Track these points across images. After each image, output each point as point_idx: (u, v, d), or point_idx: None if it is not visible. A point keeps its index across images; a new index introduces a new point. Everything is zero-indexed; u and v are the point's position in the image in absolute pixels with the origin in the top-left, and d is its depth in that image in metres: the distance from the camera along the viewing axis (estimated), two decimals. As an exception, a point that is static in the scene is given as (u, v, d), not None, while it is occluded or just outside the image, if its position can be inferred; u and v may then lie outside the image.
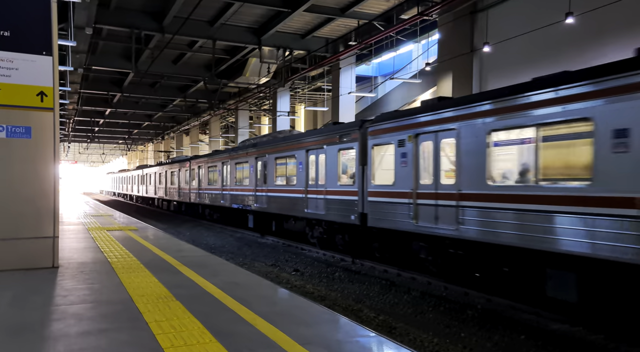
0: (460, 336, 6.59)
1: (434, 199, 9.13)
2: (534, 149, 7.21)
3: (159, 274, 5.72)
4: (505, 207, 7.58)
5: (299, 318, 3.98)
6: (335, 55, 20.43)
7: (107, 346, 3.29)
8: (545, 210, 6.92)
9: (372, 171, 11.09)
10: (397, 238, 10.56)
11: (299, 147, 14.39)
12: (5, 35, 5.76)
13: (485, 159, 7.99)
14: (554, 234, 6.80)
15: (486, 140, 7.96)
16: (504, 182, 7.86)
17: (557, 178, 6.96)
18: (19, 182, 5.91)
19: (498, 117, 7.74)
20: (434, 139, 9.20)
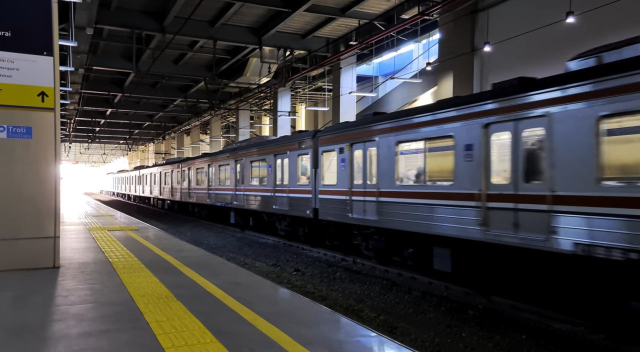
0: (461, 336, 6.59)
1: (363, 196, 11.25)
2: (423, 158, 9.46)
3: (160, 275, 5.72)
4: (407, 202, 9.78)
5: (300, 318, 3.98)
6: (335, 55, 20.42)
7: (108, 346, 3.29)
8: (430, 203, 9.17)
9: (322, 173, 13.21)
10: (340, 228, 12.78)
11: (269, 152, 16.53)
12: (6, 35, 5.76)
13: (394, 164, 10.17)
14: (436, 221, 8.98)
15: (395, 150, 10.17)
16: (406, 183, 9.97)
17: (436, 179, 9.15)
18: (20, 183, 5.92)
19: (402, 132, 9.95)
20: (363, 148, 11.34)
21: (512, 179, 7.55)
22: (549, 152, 6.91)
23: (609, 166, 6.19)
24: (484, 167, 8.02)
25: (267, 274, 10.70)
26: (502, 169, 7.77)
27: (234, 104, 31.14)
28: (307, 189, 13.84)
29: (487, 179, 7.99)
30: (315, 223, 13.90)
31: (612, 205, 6.10)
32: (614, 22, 11.78)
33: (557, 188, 6.80)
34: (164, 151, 54.19)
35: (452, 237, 8.58)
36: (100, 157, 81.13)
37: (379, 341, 3.55)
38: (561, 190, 6.73)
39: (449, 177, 8.80)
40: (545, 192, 6.96)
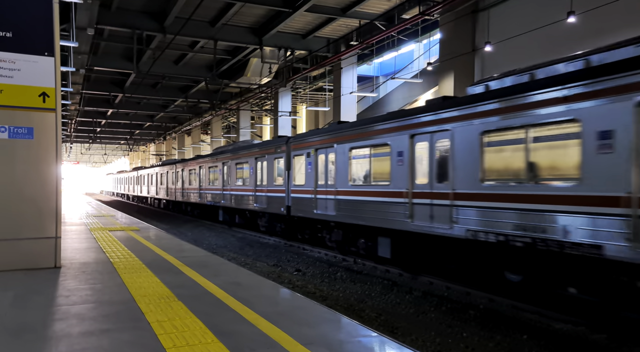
0: (462, 336, 6.59)
1: (325, 194, 12.92)
2: (369, 162, 11.14)
3: (161, 275, 5.73)
4: (357, 199, 11.41)
5: (300, 318, 3.99)
6: (336, 55, 20.43)
7: (109, 346, 3.30)
8: (374, 200, 10.81)
9: (293, 175, 14.83)
10: (308, 223, 14.45)
11: (251, 155, 18.23)
12: (8, 36, 5.77)
13: (348, 167, 11.82)
14: (378, 215, 10.61)
15: (349, 155, 11.75)
16: (357, 183, 11.55)
17: (378, 180, 10.74)
18: (22, 183, 5.93)
19: (354, 140, 11.63)
20: (325, 153, 12.98)
21: (429, 180, 9.29)
22: (452, 159, 8.66)
23: (488, 170, 7.97)
24: (410, 170, 9.76)
25: (268, 274, 10.70)
26: (423, 171, 9.48)
27: (234, 104, 31.15)
28: (281, 188, 15.58)
29: (412, 180, 9.74)
30: (289, 219, 15.67)
31: (490, 200, 7.89)
32: (615, 21, 11.77)
33: (456, 187, 8.55)
34: (165, 151, 54.25)
35: (390, 228, 10.31)
36: (101, 157, 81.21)
37: (380, 341, 3.55)
38: (459, 188, 8.50)
39: (386, 178, 10.49)
40: (449, 190, 8.71)
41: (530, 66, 7.89)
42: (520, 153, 7.42)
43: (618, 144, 6.07)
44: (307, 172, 13.86)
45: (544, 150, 7.16)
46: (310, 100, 34.06)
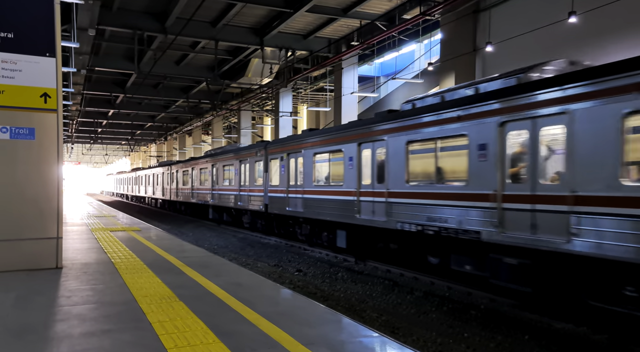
0: (463, 336, 6.58)
1: (295, 193, 14.56)
2: (328, 165, 12.82)
3: (162, 275, 5.73)
4: (320, 198, 13.11)
5: (302, 318, 3.99)
6: (337, 55, 20.43)
7: (110, 346, 3.30)
8: (332, 199, 12.51)
9: (270, 176, 16.46)
10: (283, 219, 16.24)
11: (235, 158, 19.89)
12: (9, 36, 5.78)
13: (312, 170, 13.57)
14: (336, 211, 12.28)
15: (313, 159, 13.55)
16: (320, 183, 13.29)
17: (335, 180, 12.53)
18: (23, 183, 5.93)
19: (317, 146, 13.35)
20: (295, 156, 14.68)
21: (371, 181, 10.95)
22: (387, 164, 10.35)
23: (411, 173, 9.78)
24: (358, 172, 11.41)
25: (269, 275, 10.70)
26: (367, 174, 11.13)
27: (235, 104, 31.16)
28: (260, 188, 17.30)
29: (360, 181, 11.37)
30: (267, 216, 17.54)
31: (411, 197, 9.70)
32: (617, 21, 11.76)
33: (390, 187, 10.29)
34: (166, 152, 54.31)
35: (344, 222, 11.96)
36: (102, 158, 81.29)
37: (381, 341, 3.55)
38: (392, 188, 10.25)
39: (341, 179, 12.16)
40: (385, 190, 10.41)
41: (444, 90, 9.80)
42: (432, 160, 9.26)
43: (489, 154, 7.90)
44: (281, 174, 15.61)
45: (446, 158, 8.99)
46: (311, 100, 34.07)
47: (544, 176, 7.12)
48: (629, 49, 11.31)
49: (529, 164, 7.28)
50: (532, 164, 7.22)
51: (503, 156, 7.68)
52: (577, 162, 6.57)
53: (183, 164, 28.38)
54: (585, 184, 6.44)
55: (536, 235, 7.04)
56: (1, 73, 5.75)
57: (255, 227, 18.90)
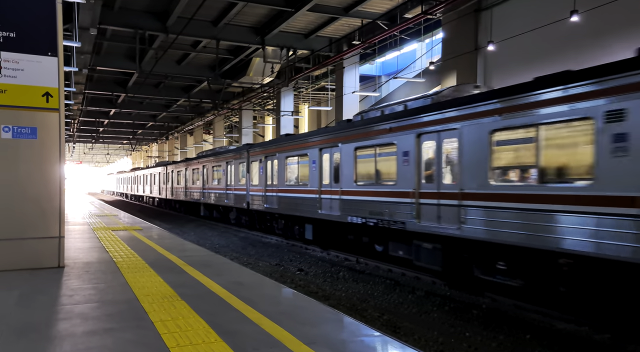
0: (465, 336, 6.58)
1: (271, 192, 16.54)
2: (297, 167, 14.77)
3: (164, 274, 5.74)
4: (290, 196, 15.03)
5: (303, 317, 3.99)
6: (338, 54, 20.42)
7: (113, 345, 3.31)
8: (300, 196, 14.34)
9: (251, 176, 18.38)
10: (262, 215, 18.33)
11: (223, 159, 21.79)
12: (11, 36, 5.79)
13: (284, 172, 15.49)
14: (304, 207, 14.12)
15: (285, 161, 15.49)
16: (291, 183, 15.12)
17: (302, 181, 14.33)
18: (25, 183, 5.95)
19: (288, 151, 15.26)
20: (271, 159, 16.57)
21: (329, 181, 12.86)
22: (341, 166, 12.26)
23: (359, 174, 11.65)
24: (319, 173, 13.25)
25: (270, 274, 10.71)
26: (326, 175, 13.03)
27: (237, 103, 31.17)
28: (244, 187, 19.16)
29: (321, 181, 13.19)
30: (249, 212, 19.50)
31: (358, 195, 11.59)
32: (619, 20, 11.73)
33: (343, 186, 12.17)
34: (167, 151, 54.35)
35: (310, 217, 13.76)
36: (104, 157, 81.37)
37: (383, 340, 3.55)
38: (344, 187, 12.14)
39: (307, 179, 14.01)
40: (339, 188, 12.34)
41: (383, 105, 11.58)
42: (372, 163, 11.15)
43: (410, 159, 9.78)
44: (260, 174, 17.56)
45: (382, 162, 10.83)
46: (312, 99, 34.05)
47: (446, 177, 9.00)
48: (630, 48, 11.28)
49: (436, 168, 9.19)
50: (438, 168, 9.12)
51: (420, 161, 9.61)
52: (464, 167, 8.49)
53: (177, 165, 30.15)
54: (468, 184, 8.36)
55: (441, 224, 8.96)
56: (3, 72, 5.76)
57: (240, 222, 20.88)
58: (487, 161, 7.93)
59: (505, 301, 8.07)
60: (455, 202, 8.49)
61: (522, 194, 7.31)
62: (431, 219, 9.17)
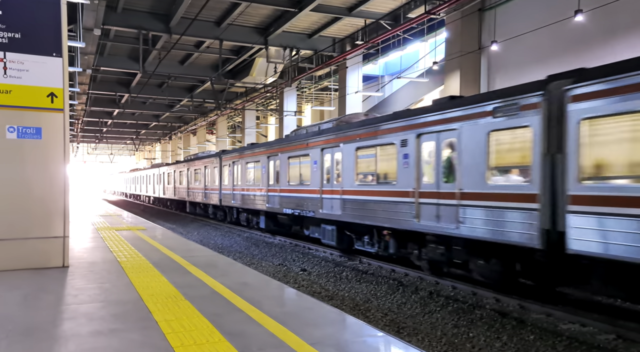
0: (468, 336, 6.58)
1: (237, 191, 19.96)
2: (253, 171, 18.29)
3: (168, 274, 5.76)
4: (249, 194, 18.55)
5: (307, 318, 4.00)
6: (342, 54, 20.41)
7: (118, 345, 3.32)
8: (254, 194, 17.99)
9: (223, 178, 21.95)
10: (230, 210, 21.97)
11: (202, 163, 25.39)
12: (16, 37, 5.82)
13: (245, 174, 19.06)
14: (258, 202, 17.64)
15: (246, 166, 19.07)
16: (249, 183, 18.61)
17: (257, 181, 17.74)
18: (30, 183, 5.97)
19: (249, 157, 18.76)
20: (237, 164, 20.04)
21: (273, 181, 16.31)
22: (281, 170, 15.61)
23: (290, 176, 14.97)
24: (267, 176, 16.84)
25: (273, 274, 10.72)
26: (272, 177, 16.46)
27: (240, 103, 31.19)
28: (217, 187, 22.78)
29: (268, 181, 16.72)
30: (222, 208, 23.30)
31: (290, 192, 15.00)
32: (624, 19, 11.69)
33: (280, 185, 15.66)
34: (171, 150, 54.45)
35: (261, 210, 17.58)
36: (107, 157, 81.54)
37: (386, 340, 3.55)
38: (281, 186, 15.58)
39: (259, 180, 17.59)
40: (278, 187, 15.76)
41: (310, 125, 14.96)
42: (297, 169, 14.64)
43: (317, 166, 13.31)
44: (229, 176, 21.14)
45: (303, 168, 14.26)
46: (315, 99, 34.05)
47: (334, 179, 12.73)
48: (635, 47, 11.25)
49: (331, 172, 12.91)
50: (332, 172, 12.86)
51: (323, 168, 13.19)
52: (343, 172, 12.26)
53: (168, 167, 33.76)
54: (346, 184, 12.13)
55: (333, 211, 12.62)
56: (9, 73, 5.79)
57: (216, 217, 24.80)
58: (354, 169, 11.75)
59: (509, 302, 8.05)
60: (339, 197, 12.32)
61: (365, 190, 11.24)
62: (328, 208, 12.86)
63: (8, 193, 5.88)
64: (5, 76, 5.79)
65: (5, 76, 5.79)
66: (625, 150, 6.04)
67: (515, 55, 14.48)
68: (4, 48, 5.78)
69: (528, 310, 7.63)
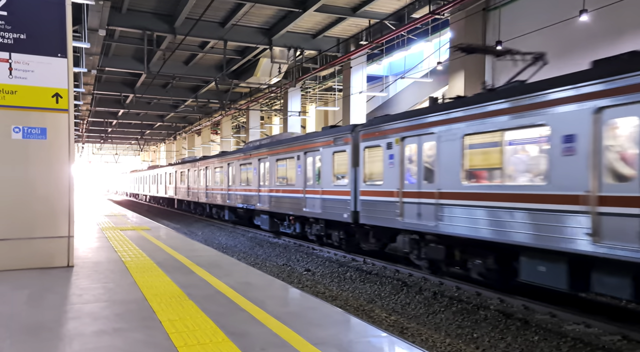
0: (472, 337, 6.56)
1: (210, 190, 24.34)
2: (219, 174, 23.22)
3: (172, 274, 5.77)
4: (216, 192, 23.58)
5: (311, 318, 3.99)
6: (346, 54, 20.40)
7: (122, 344, 3.33)
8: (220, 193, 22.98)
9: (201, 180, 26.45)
10: (207, 205, 26.62)
11: (186, 167, 30.04)
12: (22, 38, 5.85)
13: (212, 177, 24.23)
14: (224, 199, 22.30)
15: (214, 171, 24.03)
16: (217, 183, 23.24)
17: (221, 182, 22.67)
18: (35, 183, 6.00)
19: (217, 163, 23.52)
20: (210, 168, 24.20)
21: (232, 183, 20.46)
22: (236, 175, 20.26)
23: (242, 179, 19.81)
24: (227, 178, 20.90)
25: (277, 274, 10.73)
26: (231, 179, 20.47)
27: (244, 104, 31.24)
28: (185, 188, 29.73)
29: (229, 183, 20.42)
30: (201, 204, 28.05)
31: (243, 191, 19.84)
32: (630, 18, 11.62)
33: (236, 186, 20.09)
34: (175, 151, 54.62)
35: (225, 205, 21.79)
36: (112, 157, 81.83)
37: (390, 341, 3.54)
38: (237, 187, 20.21)
39: (224, 181, 21.77)
40: (234, 187, 20.17)
41: (264, 138, 18.66)
42: (246, 173, 18.54)
43: (255, 171, 18.16)
44: (203, 179, 25.86)
45: (249, 173, 17.96)
46: (319, 100, 34.05)
47: (266, 181, 17.34)
48: (641, 47, 11.17)
49: (268, 176, 17.15)
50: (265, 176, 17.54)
51: (259, 173, 17.36)
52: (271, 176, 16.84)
53: (163, 168, 38.00)
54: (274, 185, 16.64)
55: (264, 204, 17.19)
56: (14, 74, 5.82)
57: (197, 211, 29.47)
58: (276, 174, 16.46)
59: (513, 302, 8.02)
60: (268, 195, 16.95)
61: (281, 189, 15.98)
62: (262, 203, 17.45)
63: (13, 193, 5.91)
64: (10, 77, 5.82)
65: (10, 77, 5.82)
66: (376, 166, 11.08)
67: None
68: (10, 49, 5.81)
69: (532, 311, 7.60)
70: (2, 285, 5.13)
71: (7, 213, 5.89)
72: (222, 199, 22.23)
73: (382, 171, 10.65)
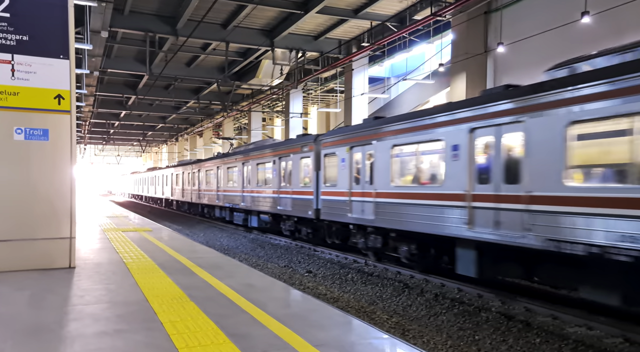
0: (474, 339, 6.54)
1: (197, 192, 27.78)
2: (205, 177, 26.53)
3: (174, 275, 5.77)
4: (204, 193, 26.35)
5: (312, 320, 3.99)
6: (348, 56, 20.42)
7: (123, 346, 3.33)
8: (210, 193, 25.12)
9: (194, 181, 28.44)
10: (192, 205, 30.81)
11: (174, 170, 33.20)
12: (24, 39, 5.86)
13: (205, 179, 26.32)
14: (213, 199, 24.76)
15: (199, 174, 27.37)
16: (202, 185, 26.62)
17: (209, 184, 25.40)
18: (37, 184, 6.01)
19: (202, 168, 26.84)
20: (197, 171, 27.54)
21: (221, 184, 22.97)
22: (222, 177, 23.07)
23: (224, 181, 22.94)
24: (218, 181, 23.46)
25: (279, 276, 10.72)
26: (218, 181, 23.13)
27: (246, 105, 31.27)
28: (180, 189, 31.76)
29: (218, 185, 23.33)
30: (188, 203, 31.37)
31: (226, 192, 22.59)
32: (632, 20, 11.61)
33: (223, 188, 22.73)
34: (177, 152, 54.71)
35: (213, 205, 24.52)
36: (115, 158, 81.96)
37: (391, 343, 3.54)
38: (225, 188, 22.53)
39: (206, 184, 25.36)
40: (222, 188, 22.90)
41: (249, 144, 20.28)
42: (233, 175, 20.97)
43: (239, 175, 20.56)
44: (196, 181, 27.88)
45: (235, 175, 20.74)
46: (321, 101, 34.06)
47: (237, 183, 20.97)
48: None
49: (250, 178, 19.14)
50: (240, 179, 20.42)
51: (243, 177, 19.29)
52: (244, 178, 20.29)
53: (158, 170, 40.94)
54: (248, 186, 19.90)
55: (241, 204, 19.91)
56: (16, 75, 5.84)
57: (184, 210, 32.93)
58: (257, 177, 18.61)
59: (515, 304, 8.01)
60: (240, 195, 20.15)
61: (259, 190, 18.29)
62: (245, 202, 19.55)
63: (15, 194, 5.92)
64: (13, 78, 5.84)
65: (13, 78, 5.84)
66: (332, 171, 13.10)
67: (522, 57, 14.42)
68: (12, 50, 5.82)
69: (534, 313, 7.58)
70: (3, 286, 5.14)
71: (9, 214, 5.89)
72: (212, 200, 24.51)
73: (337, 175, 12.79)
